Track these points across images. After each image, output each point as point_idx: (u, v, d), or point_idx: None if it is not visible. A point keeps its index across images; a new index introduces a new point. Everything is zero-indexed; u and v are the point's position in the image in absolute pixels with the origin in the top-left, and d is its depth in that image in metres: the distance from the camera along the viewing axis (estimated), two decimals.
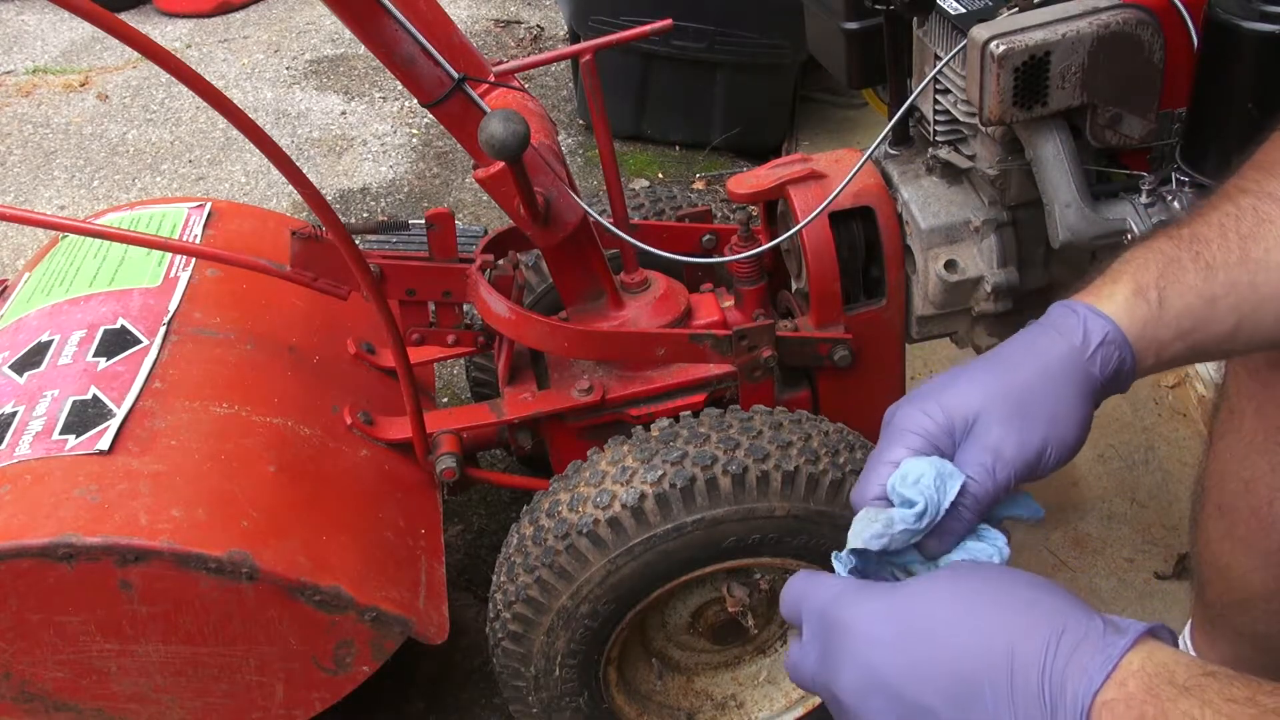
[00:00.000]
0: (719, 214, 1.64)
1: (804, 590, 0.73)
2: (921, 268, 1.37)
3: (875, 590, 0.70)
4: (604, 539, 1.15)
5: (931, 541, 0.75)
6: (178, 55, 1.11)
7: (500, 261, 1.39)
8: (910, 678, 0.64)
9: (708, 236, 1.54)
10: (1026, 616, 0.62)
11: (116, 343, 1.33)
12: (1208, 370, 1.97)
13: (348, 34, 2.58)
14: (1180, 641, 1.32)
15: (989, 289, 1.35)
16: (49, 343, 1.34)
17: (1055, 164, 1.24)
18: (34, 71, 3.45)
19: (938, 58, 1.31)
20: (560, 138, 2.49)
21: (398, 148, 2.93)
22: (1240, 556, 1.10)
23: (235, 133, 1.32)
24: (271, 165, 1.12)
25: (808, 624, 0.72)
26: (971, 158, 1.34)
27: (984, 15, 1.24)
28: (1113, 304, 0.79)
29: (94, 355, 1.31)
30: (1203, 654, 1.26)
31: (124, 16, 1.36)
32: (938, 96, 1.34)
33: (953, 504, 0.73)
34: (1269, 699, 0.54)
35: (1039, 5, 1.22)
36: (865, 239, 1.37)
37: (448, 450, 1.35)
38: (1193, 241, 0.81)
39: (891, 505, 0.74)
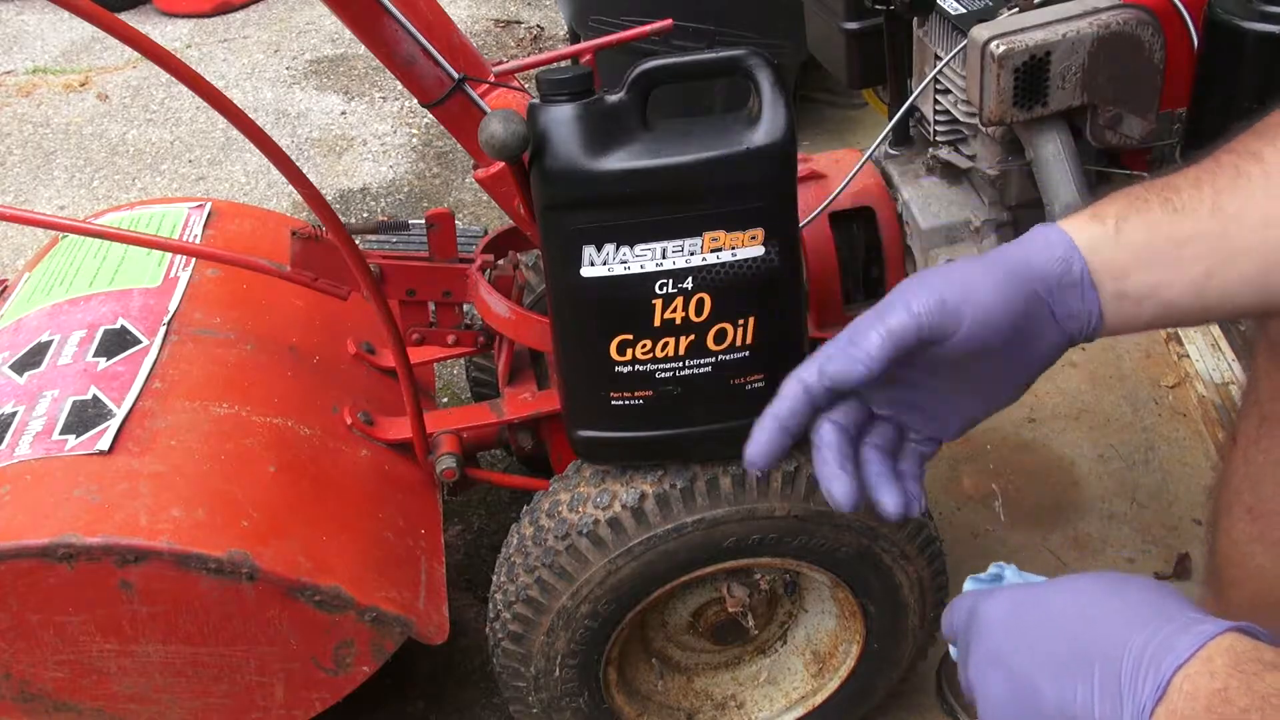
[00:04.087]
0: None
1: (954, 604, 0.77)
2: (921, 268, 1.37)
3: (1006, 588, 0.73)
4: (604, 539, 1.15)
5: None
6: (178, 55, 1.11)
7: (500, 261, 1.39)
8: (1023, 653, 0.67)
9: None
10: (1133, 610, 0.63)
11: (116, 343, 1.33)
12: (1208, 370, 1.97)
13: (348, 34, 2.58)
14: None
15: None
16: (49, 343, 1.34)
17: (1055, 164, 1.24)
18: (34, 71, 3.45)
19: (938, 58, 1.31)
20: None
21: (398, 148, 2.93)
22: (1273, 560, 1.10)
23: (235, 133, 1.32)
24: (271, 165, 1.12)
25: (959, 630, 0.76)
26: (971, 158, 1.34)
27: (984, 15, 1.24)
28: (1069, 224, 0.77)
29: (94, 355, 1.31)
30: None
31: (124, 16, 1.36)
32: (938, 96, 1.34)
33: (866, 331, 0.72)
34: None
35: (1039, 5, 1.22)
36: (865, 239, 1.37)
37: (448, 450, 1.35)
38: (1164, 189, 0.78)
39: None
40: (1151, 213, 0.77)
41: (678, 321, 1.07)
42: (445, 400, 2.04)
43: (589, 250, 1.04)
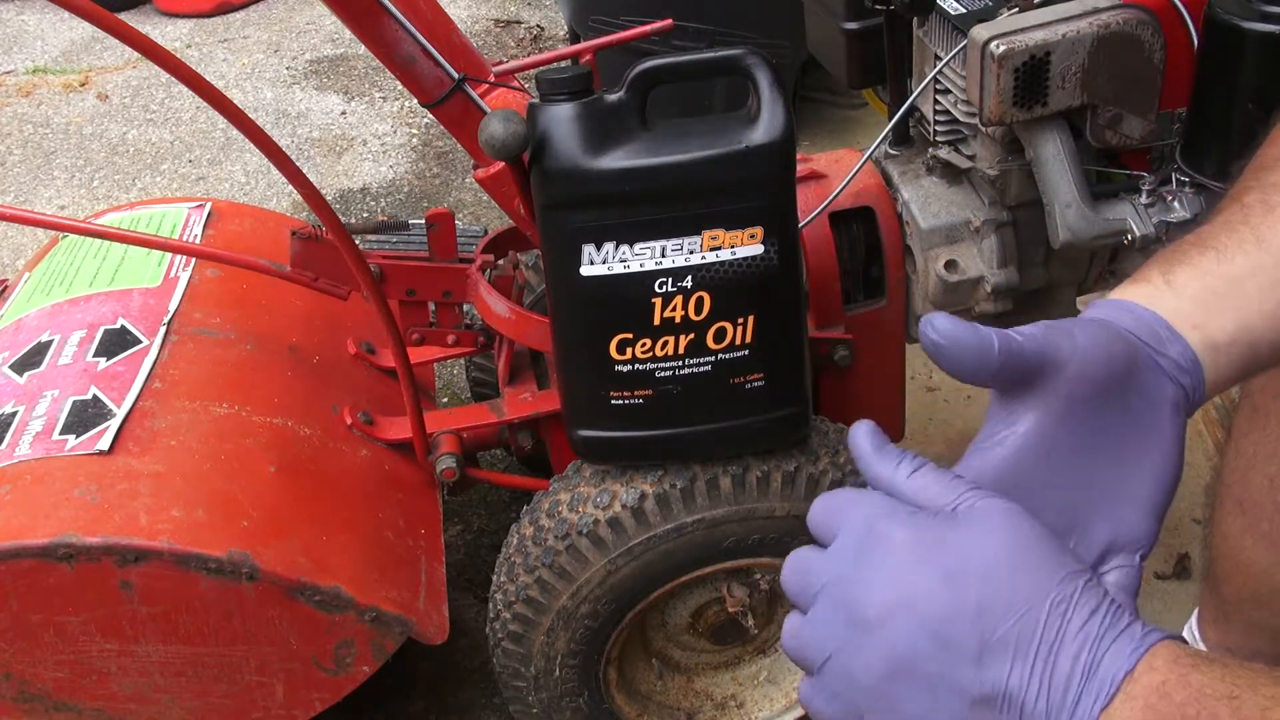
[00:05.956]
0: None
1: (852, 499, 0.67)
2: (921, 268, 1.37)
3: (929, 518, 0.64)
4: (604, 539, 1.15)
5: None
6: (178, 55, 1.11)
7: (500, 261, 1.39)
8: (948, 615, 0.61)
9: None
10: (1072, 590, 0.60)
11: (116, 343, 1.33)
12: None
13: (348, 34, 2.58)
14: (1186, 633, 1.32)
15: (989, 289, 1.35)
16: (49, 343, 1.34)
17: (1055, 164, 1.24)
18: (34, 71, 3.45)
19: (938, 58, 1.31)
20: None
21: (398, 148, 2.92)
22: (1262, 552, 1.11)
23: (235, 133, 1.32)
24: (271, 165, 1.12)
25: (848, 531, 0.66)
26: (971, 158, 1.34)
27: (984, 15, 1.24)
28: (1107, 297, 0.73)
29: (94, 355, 1.31)
30: (1212, 647, 1.26)
31: (124, 16, 1.36)
32: (938, 96, 1.34)
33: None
34: None
35: (1039, 5, 1.22)
36: (865, 239, 1.37)
37: (448, 450, 1.35)
38: (1196, 240, 0.75)
39: None
40: (1194, 262, 0.73)
41: (677, 320, 1.07)
42: (445, 400, 2.04)
43: (588, 249, 1.04)
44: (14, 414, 1.25)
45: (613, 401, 1.11)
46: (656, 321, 1.07)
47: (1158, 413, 0.70)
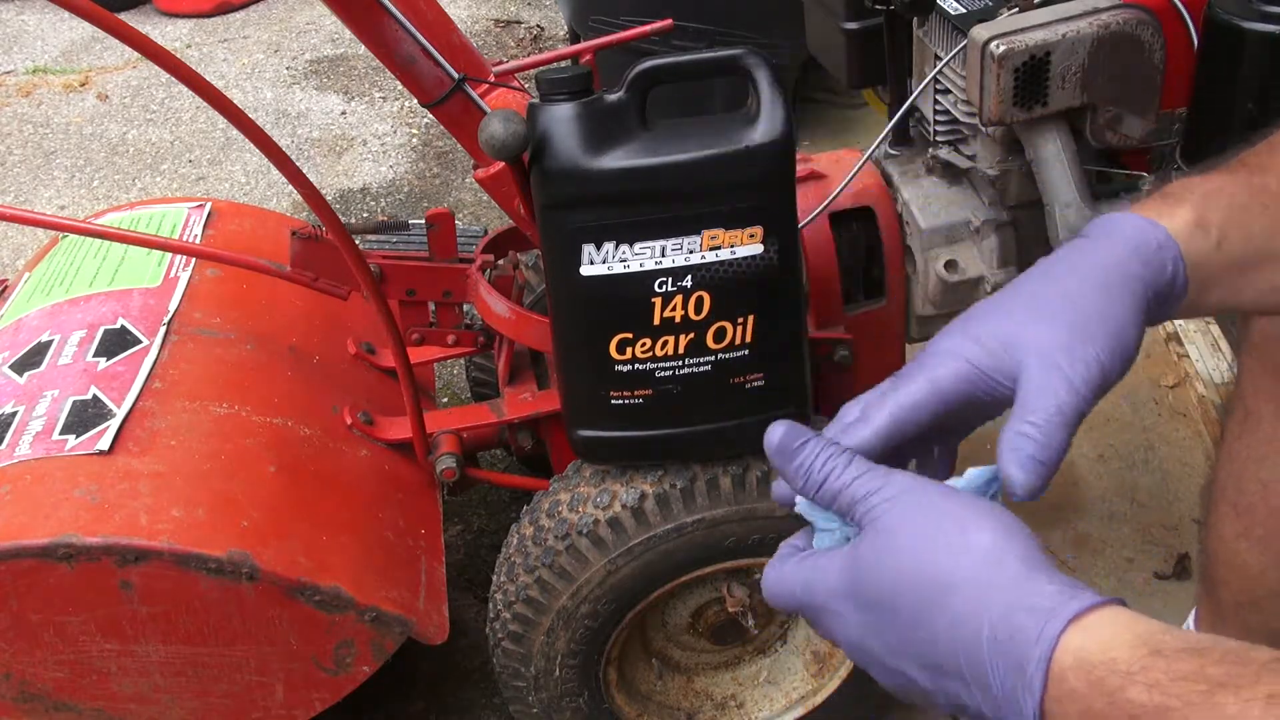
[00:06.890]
0: None
1: (777, 587, 0.76)
2: (921, 268, 1.37)
3: (827, 566, 0.71)
4: (604, 539, 1.15)
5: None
6: (178, 55, 1.11)
7: (500, 261, 1.39)
8: (889, 654, 0.68)
9: None
10: (950, 609, 0.62)
11: (116, 343, 1.33)
12: (1208, 370, 1.97)
13: (348, 34, 2.58)
14: None
15: (989, 289, 1.35)
16: (49, 343, 1.34)
17: (1055, 164, 1.24)
18: (34, 71, 3.45)
19: (938, 58, 1.31)
20: None
21: (398, 148, 2.92)
22: (1257, 555, 1.11)
23: (235, 133, 1.32)
24: (271, 165, 1.12)
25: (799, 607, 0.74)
26: (971, 158, 1.34)
27: (984, 15, 1.24)
28: (1172, 223, 0.74)
29: (94, 355, 1.31)
30: None
31: (124, 16, 1.36)
32: (938, 96, 1.34)
33: (1035, 425, 0.67)
34: (1215, 668, 0.53)
35: (1039, 5, 1.22)
36: (865, 239, 1.37)
37: (448, 450, 1.35)
38: (1261, 193, 0.76)
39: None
40: (1252, 222, 0.75)
41: (677, 320, 1.07)
42: (445, 400, 2.04)
43: (588, 249, 1.04)
44: (14, 414, 1.25)
45: (613, 401, 1.11)
46: (656, 321, 1.07)
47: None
